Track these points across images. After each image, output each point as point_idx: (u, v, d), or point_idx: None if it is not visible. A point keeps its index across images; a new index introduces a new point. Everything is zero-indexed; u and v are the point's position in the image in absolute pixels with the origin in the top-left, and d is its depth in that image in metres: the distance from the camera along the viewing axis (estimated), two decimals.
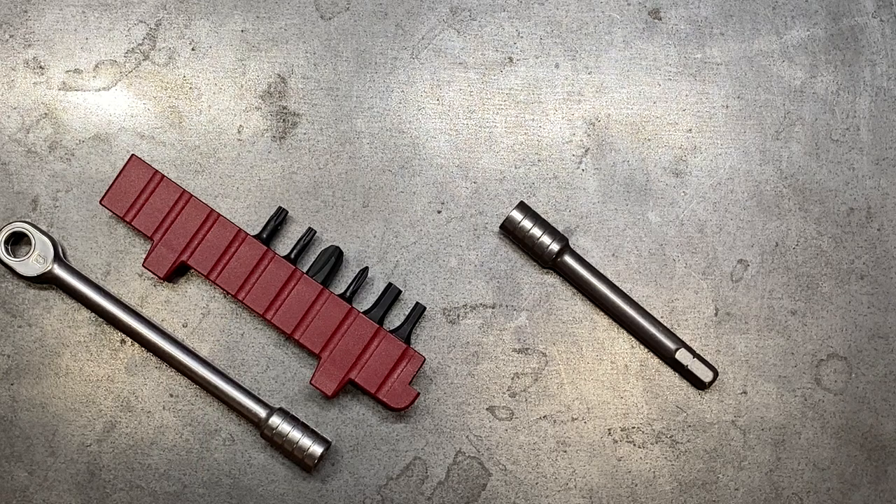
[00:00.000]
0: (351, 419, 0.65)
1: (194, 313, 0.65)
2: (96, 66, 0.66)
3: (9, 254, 0.63)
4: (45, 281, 0.64)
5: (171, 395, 0.64)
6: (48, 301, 0.65)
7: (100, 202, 0.63)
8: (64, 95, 0.66)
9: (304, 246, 0.64)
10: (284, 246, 0.65)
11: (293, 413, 0.64)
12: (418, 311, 0.64)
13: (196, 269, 0.63)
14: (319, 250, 0.64)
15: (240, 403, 0.63)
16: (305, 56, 0.67)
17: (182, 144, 0.66)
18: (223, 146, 0.66)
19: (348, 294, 0.64)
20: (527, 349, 0.66)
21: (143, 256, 0.65)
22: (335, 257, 0.64)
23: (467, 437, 0.65)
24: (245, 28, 0.67)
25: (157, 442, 0.64)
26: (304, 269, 0.64)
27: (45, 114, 0.66)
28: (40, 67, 0.66)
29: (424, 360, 0.63)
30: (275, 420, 0.62)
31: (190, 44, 0.67)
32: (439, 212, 0.66)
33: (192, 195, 0.63)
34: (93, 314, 0.64)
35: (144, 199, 0.63)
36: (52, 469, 0.64)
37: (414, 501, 0.64)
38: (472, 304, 0.66)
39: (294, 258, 0.64)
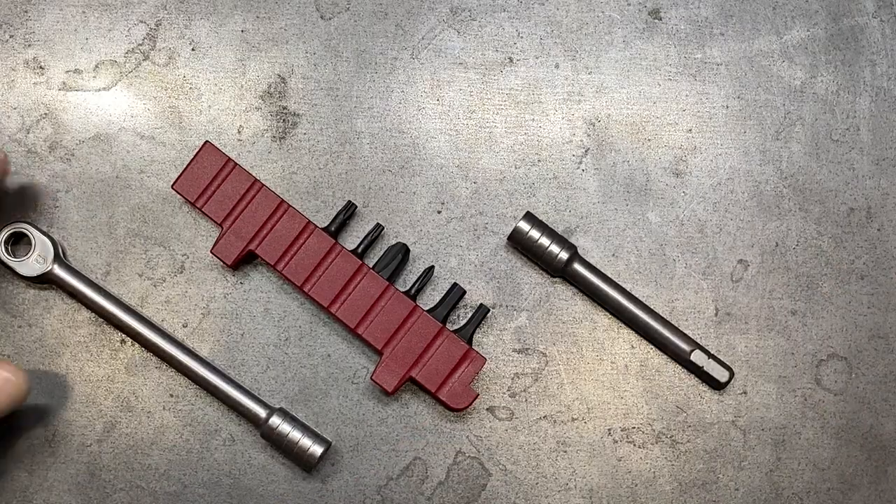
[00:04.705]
0: (351, 419, 0.65)
1: (194, 313, 0.65)
2: (96, 66, 0.66)
3: (9, 254, 0.63)
4: (45, 281, 0.64)
5: (171, 395, 0.64)
6: (48, 301, 0.65)
7: (171, 187, 0.63)
8: (64, 95, 0.66)
9: (371, 241, 0.64)
10: (341, 239, 0.65)
11: (293, 413, 0.64)
12: (482, 313, 0.64)
13: (263, 259, 0.63)
14: (386, 246, 0.65)
15: (240, 403, 0.63)
16: (305, 56, 0.67)
17: (182, 144, 0.66)
18: (223, 146, 0.66)
19: (413, 292, 0.64)
20: (527, 349, 0.66)
21: (144, 256, 0.65)
22: (402, 254, 0.64)
23: (467, 437, 0.65)
24: (245, 28, 0.67)
25: (157, 442, 0.64)
26: (371, 265, 0.64)
27: (45, 114, 0.66)
28: (40, 67, 0.66)
29: (486, 361, 0.63)
30: (275, 420, 0.62)
31: (190, 44, 0.67)
32: (439, 212, 0.66)
33: (263, 184, 0.63)
34: (93, 314, 0.64)
35: (216, 186, 0.63)
36: (52, 469, 0.64)
37: (414, 501, 0.64)
38: (472, 304, 0.66)
39: (361, 253, 0.64)
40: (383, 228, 0.65)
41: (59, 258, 0.64)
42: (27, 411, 0.64)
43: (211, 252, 0.63)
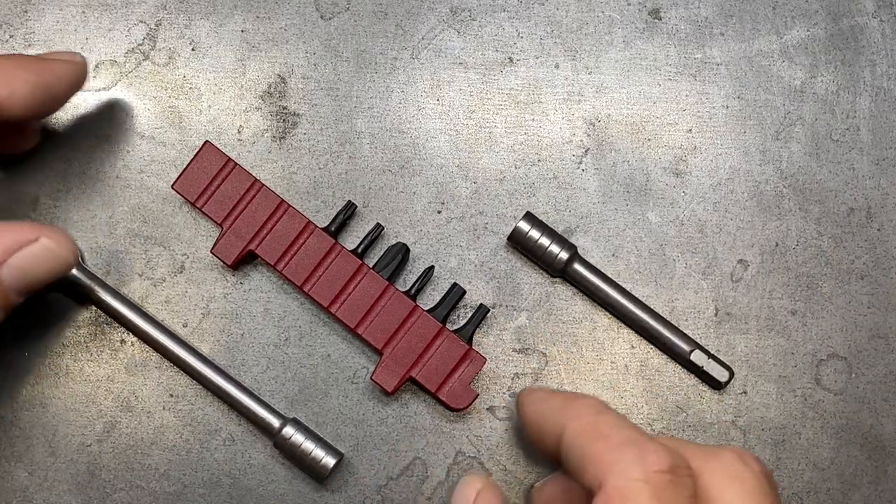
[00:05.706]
0: (351, 419, 0.65)
1: (194, 313, 0.65)
2: (96, 66, 0.66)
3: None
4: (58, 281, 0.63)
5: (171, 395, 0.64)
6: (48, 301, 0.65)
7: (171, 187, 0.63)
8: None
9: (371, 241, 0.64)
10: (342, 239, 0.65)
11: (301, 419, 0.64)
12: (482, 313, 0.64)
13: (263, 259, 0.63)
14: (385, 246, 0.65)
15: (254, 413, 0.62)
16: (305, 56, 0.67)
17: (182, 144, 0.66)
18: (223, 146, 0.66)
19: (413, 292, 0.64)
20: (527, 349, 0.66)
21: (144, 256, 0.65)
22: (402, 254, 0.64)
23: (467, 437, 0.65)
24: (245, 28, 0.67)
25: (157, 442, 0.64)
26: (371, 265, 0.64)
27: None
28: None
29: (486, 361, 0.63)
30: (288, 430, 0.62)
31: (190, 44, 0.67)
32: (439, 212, 0.66)
33: (263, 184, 0.63)
34: (92, 314, 0.64)
35: (216, 186, 0.63)
36: (52, 469, 0.64)
37: (414, 501, 0.64)
38: (472, 304, 0.66)
39: (361, 253, 0.64)
40: (383, 228, 0.65)
41: (77, 262, 0.63)
42: (27, 411, 0.64)
43: (211, 252, 0.63)
